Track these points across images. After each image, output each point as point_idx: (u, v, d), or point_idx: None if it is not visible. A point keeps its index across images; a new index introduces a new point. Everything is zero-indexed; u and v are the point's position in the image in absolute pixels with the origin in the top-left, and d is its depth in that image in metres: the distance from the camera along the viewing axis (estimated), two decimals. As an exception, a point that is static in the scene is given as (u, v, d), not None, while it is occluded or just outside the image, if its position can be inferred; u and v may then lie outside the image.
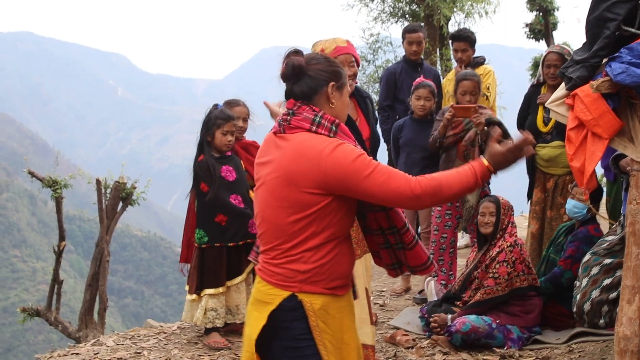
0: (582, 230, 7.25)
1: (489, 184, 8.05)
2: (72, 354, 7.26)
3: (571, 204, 7.27)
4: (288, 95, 3.86)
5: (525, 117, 8.06)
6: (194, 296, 7.28)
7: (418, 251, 4.08)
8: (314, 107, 3.77)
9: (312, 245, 3.70)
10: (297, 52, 3.84)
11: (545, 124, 7.83)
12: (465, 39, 9.32)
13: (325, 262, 3.72)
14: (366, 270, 6.14)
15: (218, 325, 7.27)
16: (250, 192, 7.35)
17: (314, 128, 3.70)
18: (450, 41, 9.62)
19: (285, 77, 3.82)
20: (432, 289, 7.87)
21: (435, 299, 7.61)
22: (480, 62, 9.36)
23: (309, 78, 3.79)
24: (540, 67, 8.08)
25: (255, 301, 3.83)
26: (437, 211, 8.04)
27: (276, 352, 3.79)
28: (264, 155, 3.85)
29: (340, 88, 3.88)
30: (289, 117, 3.77)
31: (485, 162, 3.71)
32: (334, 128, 3.72)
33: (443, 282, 8.02)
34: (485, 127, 7.64)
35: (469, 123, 7.78)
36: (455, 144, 7.94)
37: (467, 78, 7.97)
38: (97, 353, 7.21)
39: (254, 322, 3.78)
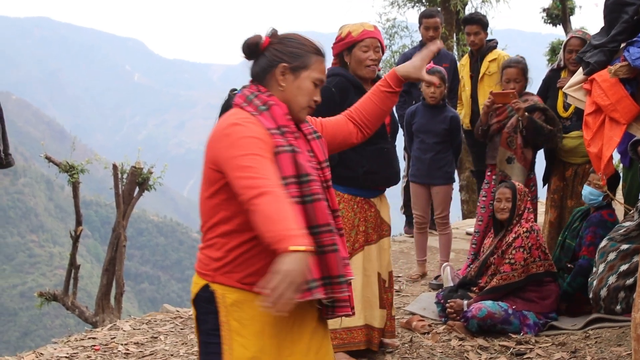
0: (596, 215, 7.23)
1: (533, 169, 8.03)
2: (89, 338, 7.30)
3: (587, 191, 7.25)
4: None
5: (543, 100, 8.03)
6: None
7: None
8: (260, 87, 3.57)
9: (224, 231, 3.42)
10: (272, 34, 3.63)
11: (566, 109, 7.80)
12: (477, 21, 9.31)
13: (240, 252, 3.42)
14: (380, 255, 6.18)
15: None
16: None
17: (244, 104, 3.52)
18: (462, 26, 9.61)
19: (246, 56, 3.66)
20: (448, 274, 7.86)
21: (451, 284, 7.60)
22: (493, 46, 9.34)
23: (264, 58, 3.59)
24: (561, 51, 8.06)
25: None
26: (482, 201, 8.01)
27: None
28: None
29: (296, 70, 3.54)
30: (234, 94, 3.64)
31: (295, 248, 3.00)
32: (262, 107, 3.47)
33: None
34: (527, 113, 7.61)
35: (512, 109, 7.73)
36: (499, 131, 7.91)
37: (512, 65, 7.94)
38: (114, 337, 7.24)
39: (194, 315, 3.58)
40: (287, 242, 2.99)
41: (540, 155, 8.22)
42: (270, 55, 3.56)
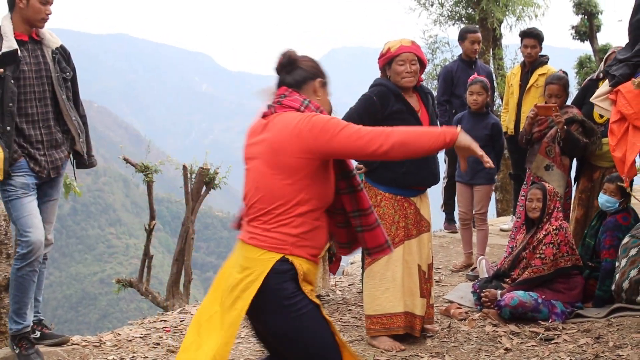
0: (611, 220, 7.16)
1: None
2: (161, 320, 7.37)
3: (604, 199, 7.19)
4: (280, 84, 3.96)
5: (579, 107, 7.97)
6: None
7: (377, 233, 4.01)
8: (302, 95, 3.88)
9: (301, 212, 3.71)
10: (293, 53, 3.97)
11: (601, 116, 7.75)
12: (536, 36, 9.37)
13: (310, 229, 3.75)
14: (420, 248, 6.19)
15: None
16: None
17: (302, 108, 3.79)
18: (520, 38, 9.60)
19: (281, 65, 3.95)
20: (483, 267, 7.86)
21: (486, 276, 7.59)
22: (544, 61, 9.34)
23: (301, 70, 3.92)
24: (602, 64, 8.07)
25: (241, 268, 3.76)
26: (521, 200, 7.91)
27: (267, 314, 3.74)
28: (253, 137, 3.93)
29: (325, 86, 3.99)
30: (280, 99, 3.88)
31: (458, 130, 3.70)
32: (317, 112, 3.80)
33: None
34: (565, 126, 7.59)
35: (553, 121, 7.71)
36: (540, 139, 7.90)
37: (554, 82, 7.97)
38: (183, 320, 7.30)
39: (248, 286, 3.70)
40: (449, 133, 3.67)
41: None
42: (308, 69, 3.95)
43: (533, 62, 9.38)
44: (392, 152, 3.63)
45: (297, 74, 3.92)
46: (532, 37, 9.41)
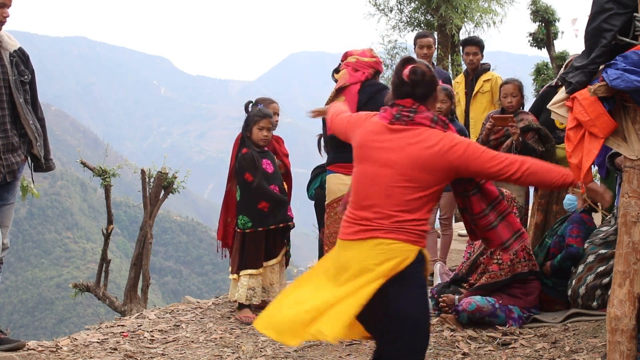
0: (577, 215, 7.22)
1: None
2: (118, 325, 7.31)
3: (567, 197, 7.28)
4: (407, 95, 4.22)
5: (539, 113, 8.02)
6: (235, 276, 7.33)
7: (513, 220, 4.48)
8: (428, 107, 4.24)
9: (427, 211, 4.19)
10: (410, 60, 4.27)
11: (562, 122, 7.81)
12: (476, 43, 9.41)
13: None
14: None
15: (254, 303, 7.30)
16: (284, 183, 7.46)
17: (432, 125, 4.16)
18: (461, 46, 9.67)
19: (412, 81, 4.20)
20: (437, 272, 7.91)
21: (440, 280, 7.62)
22: (486, 68, 9.38)
23: (427, 83, 4.23)
24: (562, 70, 8.11)
25: (382, 259, 4.10)
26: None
27: (401, 298, 4.09)
28: (379, 141, 4.22)
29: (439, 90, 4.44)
30: (411, 114, 4.18)
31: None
32: (445, 126, 4.21)
33: None
34: (520, 138, 7.61)
35: (509, 130, 7.73)
36: (496, 148, 7.90)
37: (509, 82, 8.06)
38: (141, 325, 7.25)
39: (384, 272, 4.05)
40: (571, 176, 4.32)
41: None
42: (431, 81, 4.26)
43: (475, 69, 9.44)
44: (522, 179, 4.16)
45: (424, 87, 4.23)
46: (473, 44, 9.49)
